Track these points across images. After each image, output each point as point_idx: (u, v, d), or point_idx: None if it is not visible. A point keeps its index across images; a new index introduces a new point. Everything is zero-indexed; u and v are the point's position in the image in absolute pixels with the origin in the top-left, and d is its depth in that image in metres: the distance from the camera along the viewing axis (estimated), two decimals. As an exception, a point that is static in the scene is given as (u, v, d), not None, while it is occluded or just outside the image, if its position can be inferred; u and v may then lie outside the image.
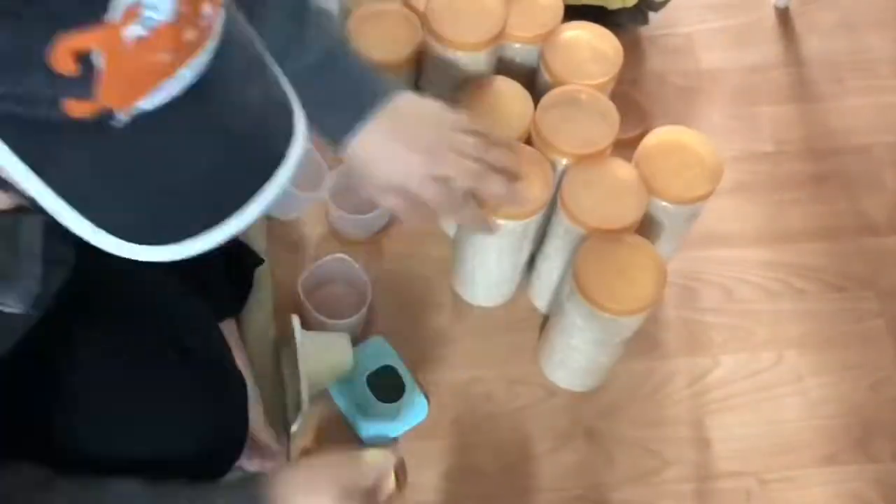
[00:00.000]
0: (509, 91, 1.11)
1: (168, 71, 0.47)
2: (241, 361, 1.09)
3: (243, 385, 0.95)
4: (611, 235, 1.02)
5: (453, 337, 1.21)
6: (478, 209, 0.94)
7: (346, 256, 1.18)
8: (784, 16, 1.54)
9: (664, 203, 1.08)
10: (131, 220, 0.51)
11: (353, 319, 1.13)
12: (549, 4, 1.16)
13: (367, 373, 1.13)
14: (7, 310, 0.66)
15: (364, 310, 1.15)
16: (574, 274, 1.01)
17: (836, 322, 1.27)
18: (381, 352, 1.15)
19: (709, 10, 1.53)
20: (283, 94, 0.57)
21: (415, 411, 1.13)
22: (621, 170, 1.07)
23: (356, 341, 1.13)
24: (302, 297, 1.13)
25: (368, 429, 1.11)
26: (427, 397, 1.14)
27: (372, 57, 1.11)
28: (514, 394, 1.18)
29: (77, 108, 0.45)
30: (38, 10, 0.41)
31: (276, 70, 0.58)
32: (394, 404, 1.11)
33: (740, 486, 1.15)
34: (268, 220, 1.24)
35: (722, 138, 1.35)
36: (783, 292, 1.28)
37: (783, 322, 1.26)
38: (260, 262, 1.17)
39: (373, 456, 0.83)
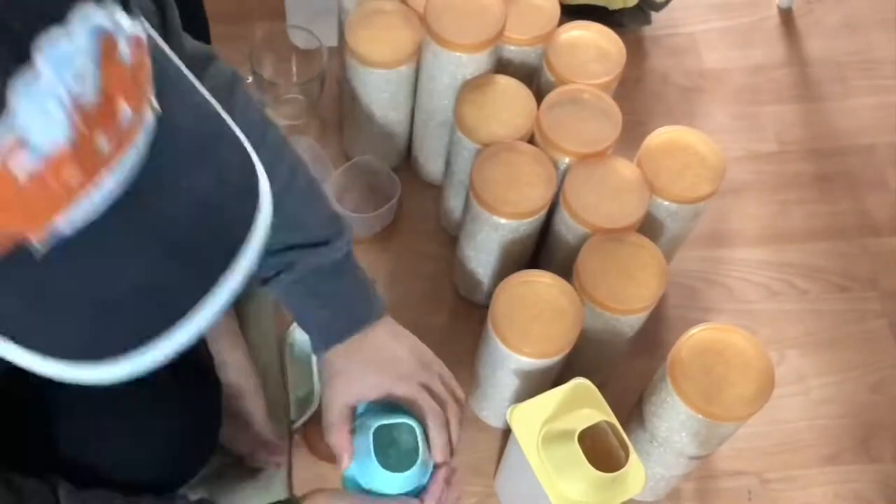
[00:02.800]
0: (511, 90, 1.11)
1: (80, 188, 0.41)
2: (242, 357, 1.09)
3: (218, 391, 0.96)
4: (613, 235, 1.03)
5: (454, 335, 1.21)
6: None
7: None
8: (787, 16, 1.54)
9: (666, 202, 1.08)
10: (76, 341, 0.47)
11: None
12: (546, 7, 1.16)
13: (377, 424, 0.82)
14: None
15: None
16: (576, 273, 1.01)
17: (839, 322, 1.27)
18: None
19: (712, 9, 1.53)
20: (243, 166, 0.50)
21: (421, 474, 0.82)
22: (624, 169, 1.07)
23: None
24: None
25: (359, 480, 0.82)
26: (435, 465, 0.84)
27: (372, 56, 1.12)
28: (516, 393, 1.18)
29: None
30: None
31: (237, 133, 0.51)
32: (400, 475, 0.80)
33: (742, 486, 1.15)
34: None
35: (725, 138, 1.35)
36: (785, 292, 1.28)
37: (785, 322, 1.26)
38: None
39: None
